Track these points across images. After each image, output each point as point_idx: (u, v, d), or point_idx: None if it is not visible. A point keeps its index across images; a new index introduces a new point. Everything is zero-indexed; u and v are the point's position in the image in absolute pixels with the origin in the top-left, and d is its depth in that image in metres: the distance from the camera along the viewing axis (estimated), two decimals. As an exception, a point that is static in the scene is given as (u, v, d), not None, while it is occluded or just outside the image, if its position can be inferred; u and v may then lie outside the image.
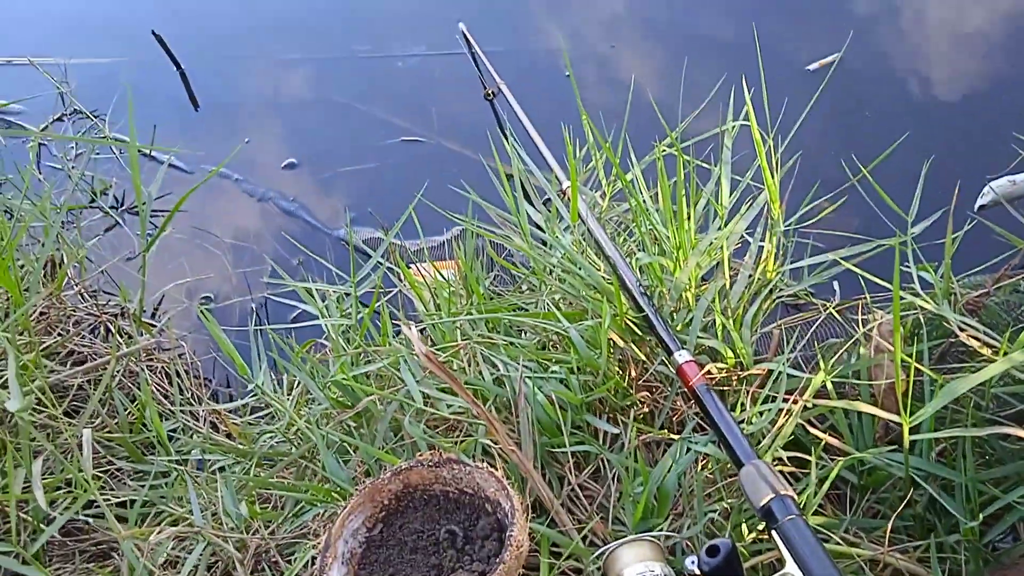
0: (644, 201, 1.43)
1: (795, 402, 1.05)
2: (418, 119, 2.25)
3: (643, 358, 1.22)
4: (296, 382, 1.47)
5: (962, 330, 1.07)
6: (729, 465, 1.05)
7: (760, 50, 1.49)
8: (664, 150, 1.49)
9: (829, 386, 1.08)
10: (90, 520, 1.29)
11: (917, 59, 2.10)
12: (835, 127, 1.94)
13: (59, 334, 1.74)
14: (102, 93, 2.56)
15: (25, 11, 3.12)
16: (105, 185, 2.28)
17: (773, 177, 1.37)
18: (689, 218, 1.34)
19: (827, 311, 1.30)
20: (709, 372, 1.14)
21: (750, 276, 1.34)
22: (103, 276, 2.03)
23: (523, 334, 1.36)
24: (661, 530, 1.02)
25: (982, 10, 2.20)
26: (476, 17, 2.33)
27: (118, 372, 1.63)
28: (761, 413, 1.09)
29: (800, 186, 1.50)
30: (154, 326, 1.88)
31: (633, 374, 1.21)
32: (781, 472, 0.96)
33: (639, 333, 1.24)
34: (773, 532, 0.88)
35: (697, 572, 0.87)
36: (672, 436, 1.13)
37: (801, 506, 0.93)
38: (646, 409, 1.19)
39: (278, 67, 2.60)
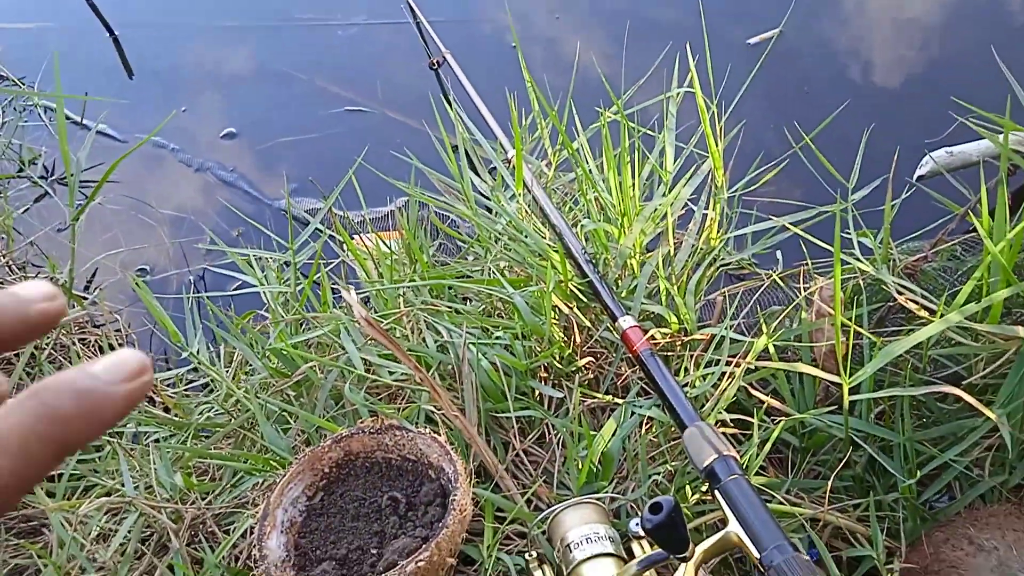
0: (590, 169, 1.42)
1: (737, 365, 1.06)
2: (362, 89, 2.20)
3: (588, 324, 1.21)
4: (235, 353, 1.43)
5: (900, 293, 1.08)
6: (673, 428, 1.05)
7: (701, 17, 1.49)
8: (610, 118, 1.48)
9: (771, 350, 1.09)
10: (17, 495, 1.24)
11: (858, 35, 2.12)
12: (777, 100, 1.95)
13: (-15, 307, 1.67)
14: (31, 59, 2.46)
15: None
16: (34, 155, 2.19)
17: (717, 144, 1.37)
18: (634, 185, 1.33)
19: (770, 279, 1.31)
20: (653, 337, 1.14)
21: (694, 244, 1.34)
22: (32, 248, 1.96)
23: (468, 302, 1.34)
24: (606, 492, 1.01)
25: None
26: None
27: (47, 346, 1.57)
28: (704, 377, 1.09)
29: (743, 158, 1.51)
30: (86, 299, 1.81)
31: (578, 340, 1.20)
32: (724, 434, 0.96)
33: (584, 300, 1.23)
34: (716, 492, 0.88)
35: (641, 532, 0.87)
36: (617, 400, 1.13)
37: (744, 467, 0.93)
38: (591, 375, 1.19)
39: (217, 34, 2.52)
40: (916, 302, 1.07)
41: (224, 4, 2.60)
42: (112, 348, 1.62)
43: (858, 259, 1.13)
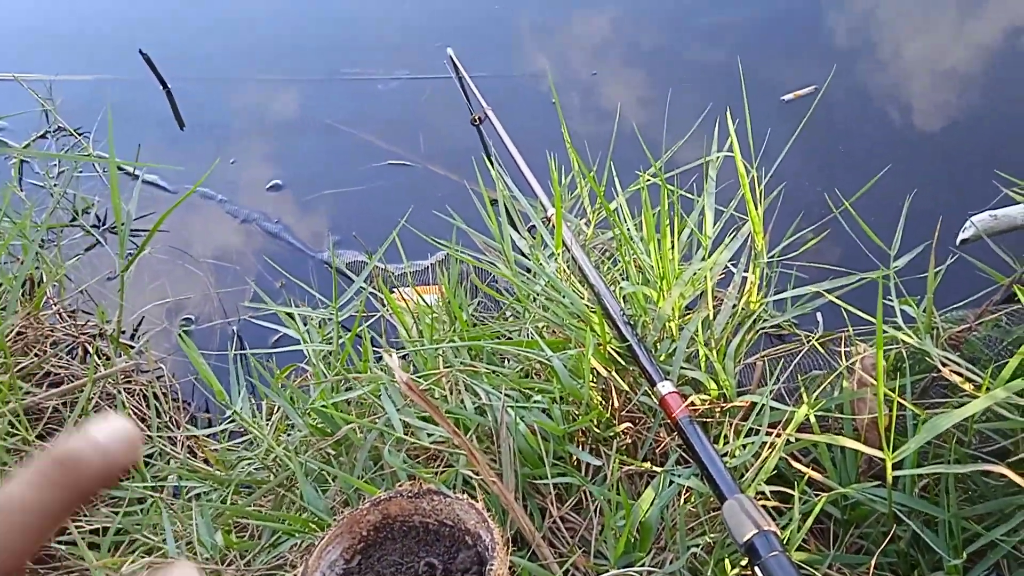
0: (628, 230, 1.43)
1: (778, 435, 1.05)
2: (405, 143, 2.25)
3: (626, 388, 1.21)
4: (276, 408, 1.45)
5: (944, 365, 1.07)
6: (712, 498, 1.04)
7: (742, 81, 1.50)
8: (648, 180, 1.50)
9: (812, 420, 1.08)
10: (62, 547, 1.27)
11: (895, 91, 2.12)
12: (814, 159, 1.95)
13: (36, 355, 1.72)
14: (87, 111, 2.56)
15: (10, 26, 3.11)
16: (87, 204, 2.26)
17: (757, 208, 1.37)
18: (673, 248, 1.34)
19: (810, 343, 1.30)
20: (692, 404, 1.13)
21: (734, 307, 1.34)
22: (82, 296, 2.01)
23: (506, 362, 1.35)
24: (643, 564, 1.01)
25: (961, 45, 2.23)
26: (463, 41, 2.34)
27: (95, 395, 1.61)
28: (744, 446, 1.08)
29: (782, 217, 1.51)
30: (132, 347, 1.86)
31: (616, 404, 1.20)
32: (764, 507, 0.95)
33: (622, 363, 1.24)
34: (756, 569, 0.87)
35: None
36: (655, 468, 1.12)
37: (784, 541, 0.92)
38: (629, 440, 1.18)
39: (265, 88, 2.60)
40: (960, 374, 1.05)
41: (274, 59, 2.67)
42: (156, 398, 1.66)
43: (901, 328, 1.12)
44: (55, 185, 2.30)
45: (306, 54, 2.67)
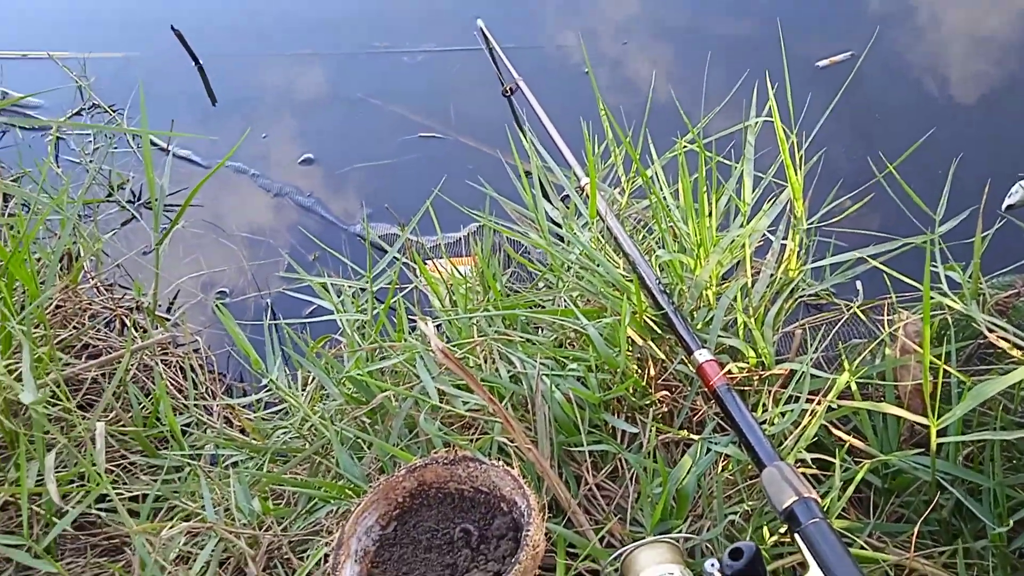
0: (664, 197, 1.41)
1: (819, 403, 1.03)
2: (436, 115, 2.23)
3: (662, 357, 1.20)
4: (311, 378, 1.46)
5: (991, 331, 1.04)
6: (750, 466, 1.02)
7: (781, 46, 1.47)
8: (686, 146, 1.47)
9: (853, 387, 1.06)
10: (102, 514, 1.29)
11: (932, 55, 2.06)
12: (854, 125, 1.91)
13: (74, 327, 1.74)
14: (121, 87, 2.57)
15: (44, 4, 3.13)
16: (123, 179, 2.28)
17: (796, 174, 1.34)
18: (710, 214, 1.31)
19: (851, 311, 1.28)
20: (730, 372, 1.12)
21: (772, 275, 1.32)
22: (119, 270, 2.03)
23: (540, 331, 1.34)
24: (680, 532, 1.00)
25: (1004, 10, 2.16)
26: (493, 12, 2.31)
27: (132, 366, 1.62)
28: (783, 414, 1.06)
29: (821, 184, 1.48)
30: (168, 320, 1.87)
31: (652, 373, 1.19)
32: (804, 474, 0.94)
33: (658, 331, 1.22)
34: (796, 536, 0.86)
35: (718, 575, 0.85)
36: (692, 436, 1.11)
37: (824, 509, 0.91)
38: (665, 409, 1.17)
39: (296, 62, 2.59)
40: (1008, 340, 1.03)
41: (303, 34, 2.66)
42: (192, 369, 1.67)
43: (946, 294, 1.10)
44: (91, 161, 2.32)
45: (336, 28, 2.66)
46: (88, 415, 1.45)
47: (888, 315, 1.18)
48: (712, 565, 0.85)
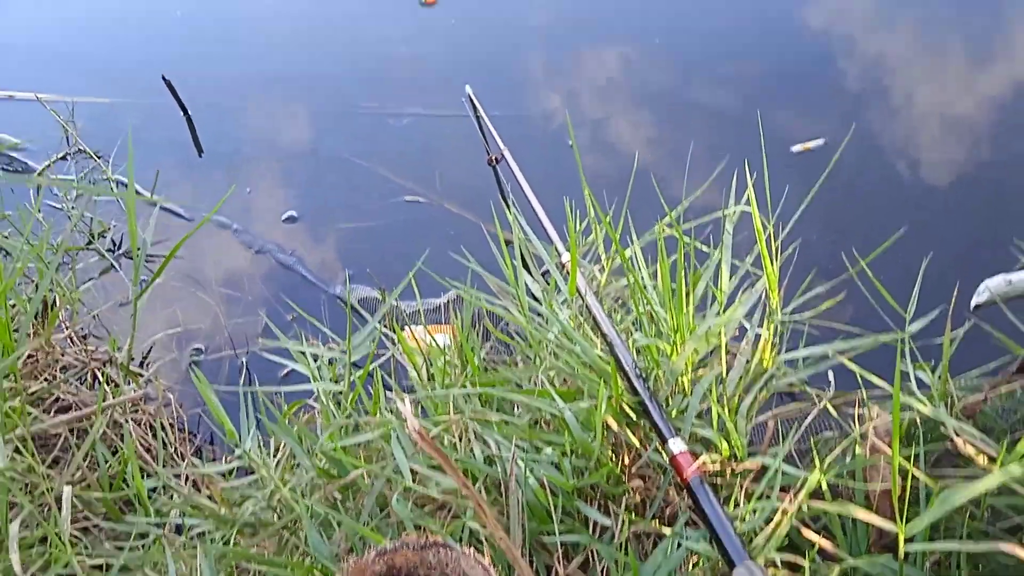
0: (643, 279, 1.43)
1: (790, 502, 1.04)
2: (421, 179, 2.26)
3: (637, 444, 1.21)
4: (283, 444, 1.45)
5: (958, 435, 1.06)
6: (721, 564, 1.03)
7: (752, 130, 1.51)
8: (664, 230, 1.50)
9: (824, 486, 1.07)
10: (64, 583, 1.26)
11: (908, 148, 2.12)
12: (828, 213, 1.95)
13: (46, 379, 1.72)
14: (107, 133, 2.58)
15: (32, 45, 3.15)
16: (104, 227, 2.28)
17: (772, 264, 1.37)
18: (688, 301, 1.33)
19: (822, 403, 1.29)
20: (703, 464, 1.12)
21: (747, 362, 1.33)
22: (94, 320, 2.01)
23: (516, 408, 1.35)
24: (649, 629, 0.99)
25: (975, 101, 2.23)
26: (481, 79, 2.35)
27: (104, 425, 1.60)
28: (755, 511, 1.07)
29: (796, 272, 1.50)
30: (142, 376, 1.86)
31: (626, 460, 1.19)
32: (773, 576, 0.94)
33: (633, 417, 1.23)
34: (764, 641, 0.86)
35: None
36: (664, 529, 1.11)
37: (793, 613, 0.91)
38: (638, 498, 1.17)
39: (284, 118, 2.62)
40: (975, 446, 1.04)
41: (293, 90, 2.70)
42: (163, 429, 1.66)
43: (915, 395, 1.11)
44: (72, 208, 2.31)
45: (326, 86, 2.70)
46: (52, 473, 1.42)
47: (859, 409, 1.20)
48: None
